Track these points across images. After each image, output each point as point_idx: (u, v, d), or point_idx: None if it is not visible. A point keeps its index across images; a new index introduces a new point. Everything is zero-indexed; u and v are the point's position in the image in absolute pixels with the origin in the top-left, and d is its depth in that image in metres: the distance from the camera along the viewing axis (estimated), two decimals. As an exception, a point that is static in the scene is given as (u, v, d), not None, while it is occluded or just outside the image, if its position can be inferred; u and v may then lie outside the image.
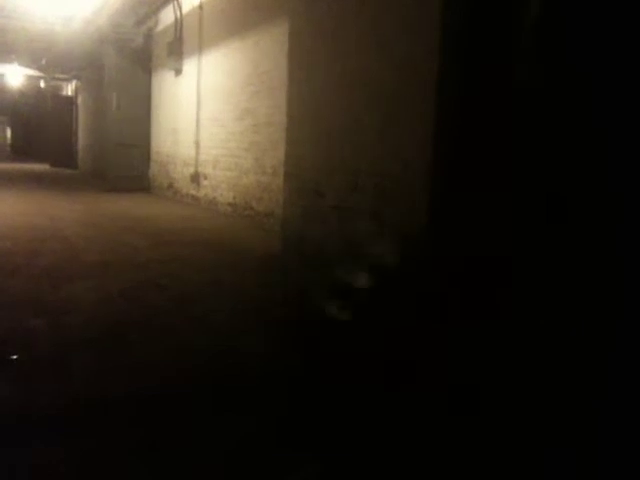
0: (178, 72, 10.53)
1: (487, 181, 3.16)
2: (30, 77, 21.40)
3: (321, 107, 4.71)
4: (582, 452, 1.99)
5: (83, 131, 21.15)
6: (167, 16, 10.81)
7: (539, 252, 2.76)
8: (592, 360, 2.37)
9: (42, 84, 23.09)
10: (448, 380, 2.47)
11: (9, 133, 33.41)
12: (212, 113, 9.18)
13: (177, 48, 10.34)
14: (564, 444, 2.06)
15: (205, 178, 9.52)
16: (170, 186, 11.15)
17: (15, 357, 2.75)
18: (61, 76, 21.27)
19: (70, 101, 22.95)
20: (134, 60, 12.02)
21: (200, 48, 9.54)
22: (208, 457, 1.99)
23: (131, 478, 1.90)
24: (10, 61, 18.42)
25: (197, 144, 9.76)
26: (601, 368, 2.34)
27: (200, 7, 9.43)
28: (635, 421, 2.10)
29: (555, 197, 2.80)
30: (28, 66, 19.10)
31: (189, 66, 10.08)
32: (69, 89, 23.73)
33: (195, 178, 9.86)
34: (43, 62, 18.13)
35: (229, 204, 8.62)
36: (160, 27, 11.46)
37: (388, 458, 2.04)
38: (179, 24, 10.26)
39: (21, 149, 29.94)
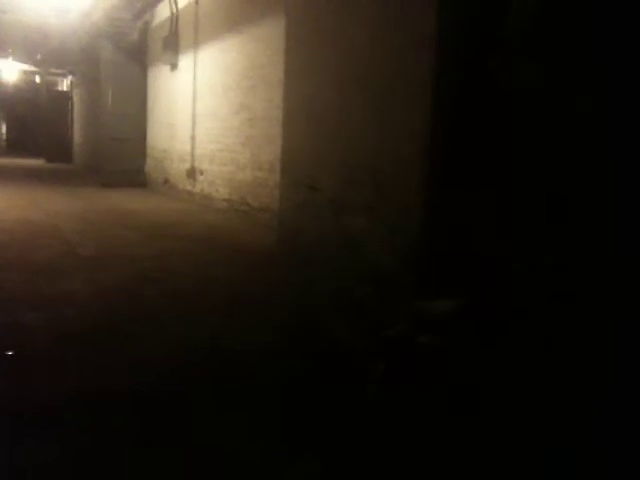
0: (174, 67, 10.50)
1: (484, 178, 3.16)
2: (25, 72, 21.33)
3: (317, 102, 4.70)
4: (582, 452, 2.00)
5: (79, 126, 21.07)
6: (163, 10, 10.78)
7: (538, 251, 2.76)
8: (592, 360, 2.38)
9: (37, 79, 23.01)
10: (448, 380, 2.47)
11: (4, 128, 33.27)
12: (208, 108, 9.16)
13: (173, 43, 10.31)
14: (564, 444, 2.06)
15: (201, 173, 9.50)
16: (166, 181, 11.13)
17: (11, 353, 2.75)
18: (56, 71, 21.19)
19: (66, 96, 22.87)
20: (130, 55, 11.98)
21: (196, 43, 9.51)
22: (206, 456, 1.99)
23: (129, 476, 1.90)
24: (5, 56, 18.33)
25: (193, 139, 9.74)
26: (601, 368, 2.34)
27: (196, 2, 9.40)
28: (635, 421, 2.10)
29: (554, 195, 2.80)
30: (23, 61, 19.02)
31: (185, 61, 10.05)
32: (64, 84, 23.64)
33: (191, 173, 9.84)
34: (38, 57, 18.05)
35: (224, 200, 8.60)
36: (156, 21, 11.42)
37: (388, 458, 2.04)
38: (175, 18, 10.22)
39: (16, 144, 29.83)
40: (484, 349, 2.56)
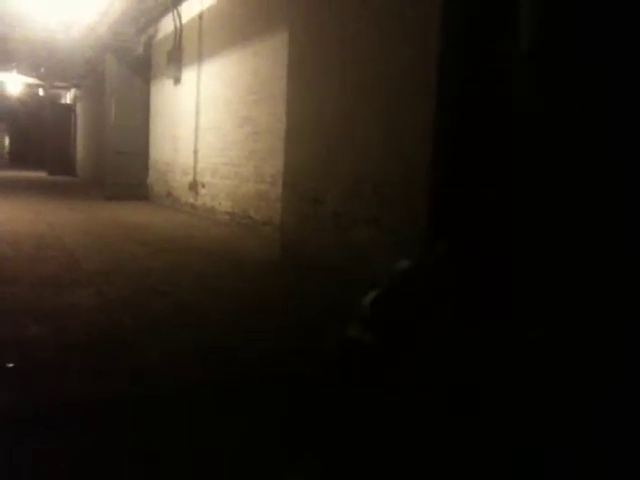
0: (177, 81, 10.57)
1: (488, 181, 3.19)
2: (29, 85, 21.47)
3: (321, 114, 4.74)
4: (582, 452, 2.00)
5: (82, 139, 21.21)
6: (167, 25, 10.87)
7: (540, 251, 2.78)
8: (592, 360, 2.39)
9: (41, 92, 23.17)
10: (448, 380, 2.48)
11: (8, 141, 33.45)
12: (211, 122, 9.21)
13: (176, 57, 10.39)
14: (564, 444, 2.07)
15: (203, 186, 9.55)
16: (169, 194, 11.17)
17: (11, 365, 2.75)
18: (60, 84, 21.35)
19: (69, 109, 23.04)
20: (134, 68, 12.07)
21: (199, 57, 9.59)
22: (206, 457, 2.00)
23: (129, 476, 1.91)
24: (9, 69, 18.48)
25: (196, 152, 9.78)
26: (601, 368, 2.35)
27: (200, 17, 9.49)
28: (635, 421, 2.11)
29: (556, 196, 2.82)
30: (27, 74, 19.16)
31: (188, 75, 10.13)
32: (68, 97, 23.81)
33: (193, 186, 9.88)
34: (42, 70, 18.19)
35: (227, 213, 8.63)
36: (160, 36, 11.52)
37: (388, 458, 2.05)
38: (179, 33, 10.31)
39: (19, 157, 30.00)
40: (484, 349, 2.57)
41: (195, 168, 9.85)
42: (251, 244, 6.81)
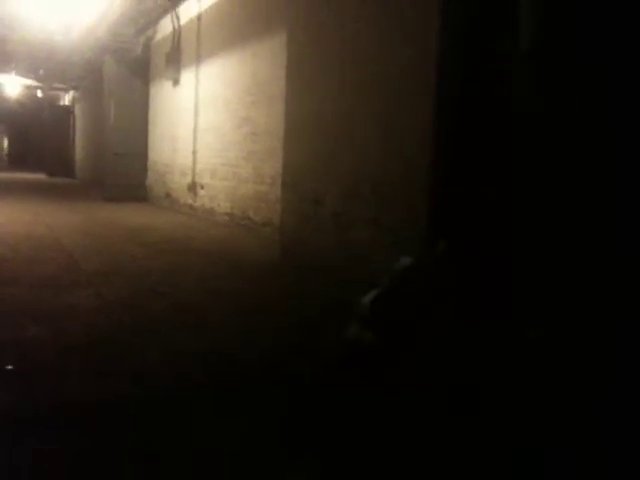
0: (176, 82, 10.57)
1: (488, 183, 3.19)
2: (28, 87, 21.44)
3: (320, 116, 4.74)
4: (582, 452, 2.00)
5: (81, 140, 21.20)
6: (166, 26, 10.87)
7: (540, 251, 2.79)
8: (592, 360, 2.39)
9: (40, 94, 23.15)
10: (448, 380, 2.48)
11: (6, 142, 33.44)
12: (210, 123, 9.21)
13: (175, 58, 10.39)
14: (564, 444, 2.07)
15: (202, 188, 9.54)
16: (167, 195, 11.16)
17: (10, 367, 2.74)
18: (59, 86, 21.33)
19: (68, 111, 23.05)
20: (133, 70, 12.05)
21: (198, 58, 9.59)
22: (206, 457, 2.00)
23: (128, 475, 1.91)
24: (8, 71, 18.46)
25: (194, 154, 9.78)
26: (601, 368, 2.36)
27: (198, 18, 9.49)
28: (635, 421, 2.11)
29: (556, 196, 2.83)
30: (26, 76, 19.14)
31: (187, 76, 10.12)
32: (67, 99, 23.80)
33: (192, 188, 9.88)
34: (41, 72, 18.18)
35: (226, 214, 8.62)
36: (159, 37, 11.52)
37: (388, 458, 2.04)
38: (177, 34, 10.31)
39: (18, 159, 30.01)
40: (484, 349, 2.57)
41: (194, 169, 9.84)
42: (250, 245, 6.80)
